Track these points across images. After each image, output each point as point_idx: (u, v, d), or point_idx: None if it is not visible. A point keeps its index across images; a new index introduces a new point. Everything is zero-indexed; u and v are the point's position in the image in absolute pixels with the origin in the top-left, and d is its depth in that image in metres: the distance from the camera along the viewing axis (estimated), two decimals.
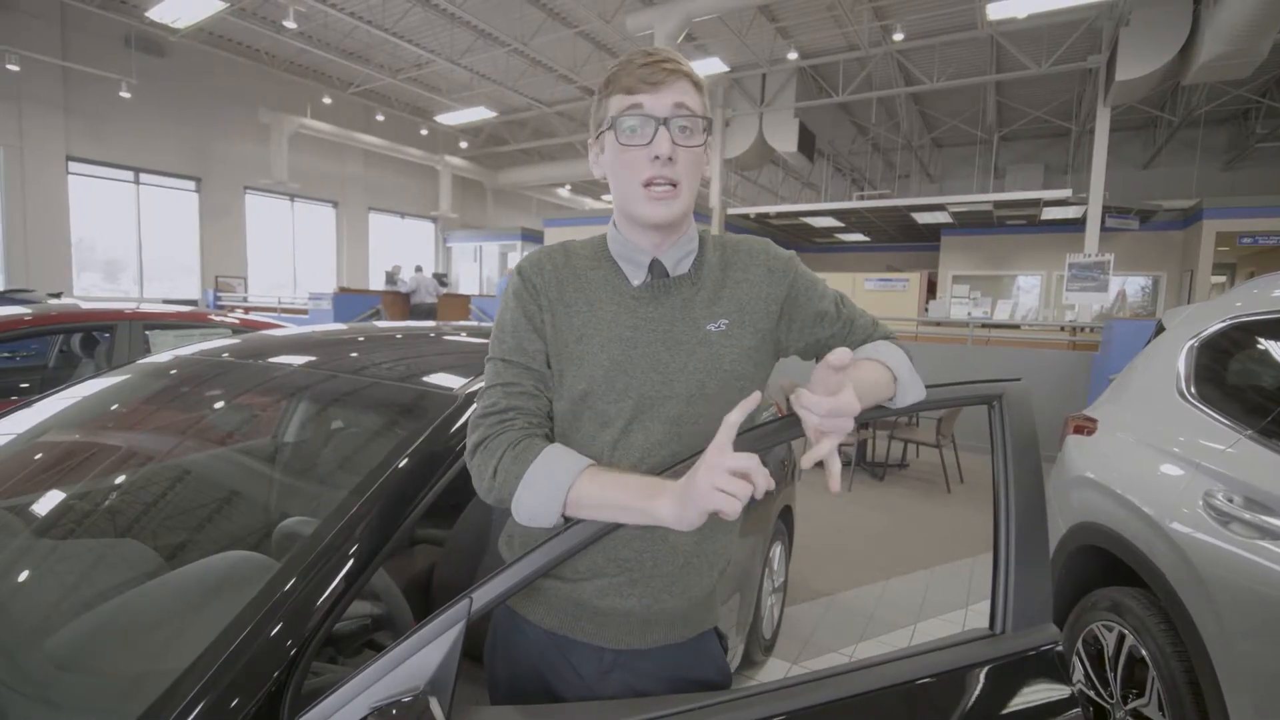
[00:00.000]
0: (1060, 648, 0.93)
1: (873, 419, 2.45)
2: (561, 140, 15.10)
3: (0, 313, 3.08)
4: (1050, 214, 11.57)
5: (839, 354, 0.72)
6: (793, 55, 10.19)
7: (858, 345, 0.95)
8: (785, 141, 11.53)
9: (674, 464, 0.86)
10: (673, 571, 0.89)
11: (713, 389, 0.88)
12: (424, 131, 15.45)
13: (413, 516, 1.02)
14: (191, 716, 0.73)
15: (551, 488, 0.80)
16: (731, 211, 12.65)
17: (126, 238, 11.95)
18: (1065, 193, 10.03)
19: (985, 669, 0.91)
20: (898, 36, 9.34)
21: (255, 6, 9.75)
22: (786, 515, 2.78)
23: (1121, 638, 1.70)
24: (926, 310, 9.33)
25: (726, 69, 10.14)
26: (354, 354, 1.61)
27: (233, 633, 0.81)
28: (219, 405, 1.53)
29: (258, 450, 1.48)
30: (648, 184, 0.84)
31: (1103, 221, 9.17)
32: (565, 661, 0.92)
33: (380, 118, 13.93)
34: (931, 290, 13.24)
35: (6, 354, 4.18)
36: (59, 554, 1.17)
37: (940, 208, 11.77)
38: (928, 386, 0.96)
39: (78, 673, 0.91)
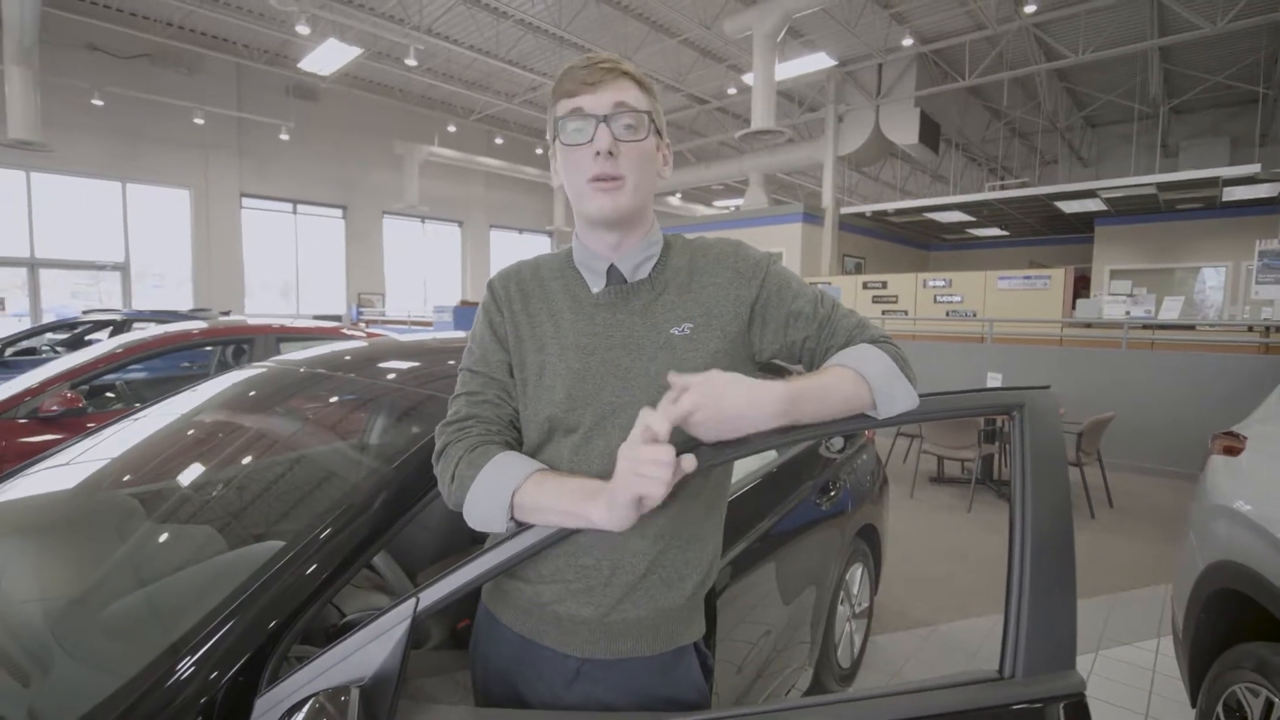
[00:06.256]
0: (1084, 698, 0.74)
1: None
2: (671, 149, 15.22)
3: (180, 327, 3.79)
4: (1234, 194, 9.86)
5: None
6: (908, 41, 9.53)
7: (838, 349, 0.87)
8: (905, 133, 10.79)
9: None
10: (633, 581, 0.86)
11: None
12: (539, 151, 16.20)
13: (403, 520, 1.05)
14: (172, 680, 0.79)
15: (497, 493, 0.81)
16: (846, 210, 12.02)
17: (287, 261, 13.58)
18: (1252, 169, 8.51)
19: (984, 718, 0.75)
20: (1029, 9, 8.42)
21: (387, 49, 10.73)
22: (869, 534, 2.54)
23: (1270, 705, 1.35)
24: (1073, 310, 8.27)
25: (834, 63, 9.69)
26: (420, 364, 1.65)
27: (211, 616, 0.88)
28: (294, 408, 1.63)
29: (325, 451, 1.57)
30: (593, 180, 0.83)
31: None
32: (533, 667, 0.92)
33: (499, 141, 14.81)
34: (1085, 287, 11.78)
35: (186, 363, 5.07)
36: (145, 534, 1.29)
37: (1091, 194, 10.41)
38: (940, 394, 0.85)
39: (119, 641, 1.00)
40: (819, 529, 2.07)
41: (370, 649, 0.77)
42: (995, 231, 14.84)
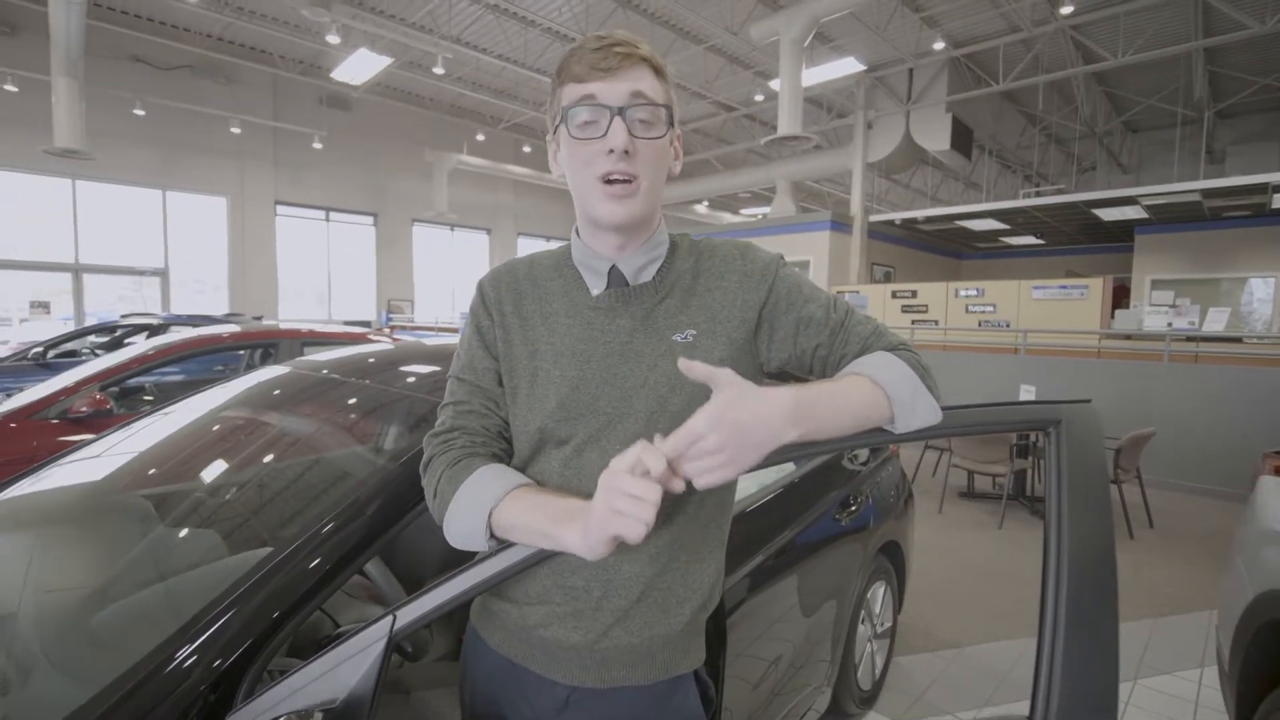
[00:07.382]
0: None
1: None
2: (698, 157, 15.17)
3: (208, 331, 3.90)
4: None
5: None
6: (939, 45, 9.36)
7: (852, 358, 0.80)
8: (937, 140, 10.60)
9: None
10: (625, 606, 0.80)
11: (676, 405, 0.79)
12: None
13: (394, 529, 1.03)
14: (142, 692, 0.78)
15: (475, 509, 0.77)
16: (875, 218, 11.83)
17: (320, 268, 13.85)
18: None
19: None
20: (1066, 10, 8.20)
21: (417, 58, 10.90)
22: (892, 551, 2.45)
23: None
24: (1112, 322, 7.98)
25: (863, 68, 9.56)
26: (424, 368, 1.63)
27: (192, 623, 0.86)
28: (303, 413, 1.62)
29: (317, 457, 1.55)
30: (604, 179, 0.77)
31: None
32: (520, 692, 0.87)
33: (527, 149, 14.96)
34: (1124, 298, 11.37)
35: (219, 366, 5.24)
36: (151, 538, 1.28)
37: (1131, 201, 10.06)
38: (968, 407, 0.78)
39: (97, 649, 0.98)
40: (839, 544, 2.00)
41: (344, 669, 0.73)
42: (1030, 240, 14.46)
